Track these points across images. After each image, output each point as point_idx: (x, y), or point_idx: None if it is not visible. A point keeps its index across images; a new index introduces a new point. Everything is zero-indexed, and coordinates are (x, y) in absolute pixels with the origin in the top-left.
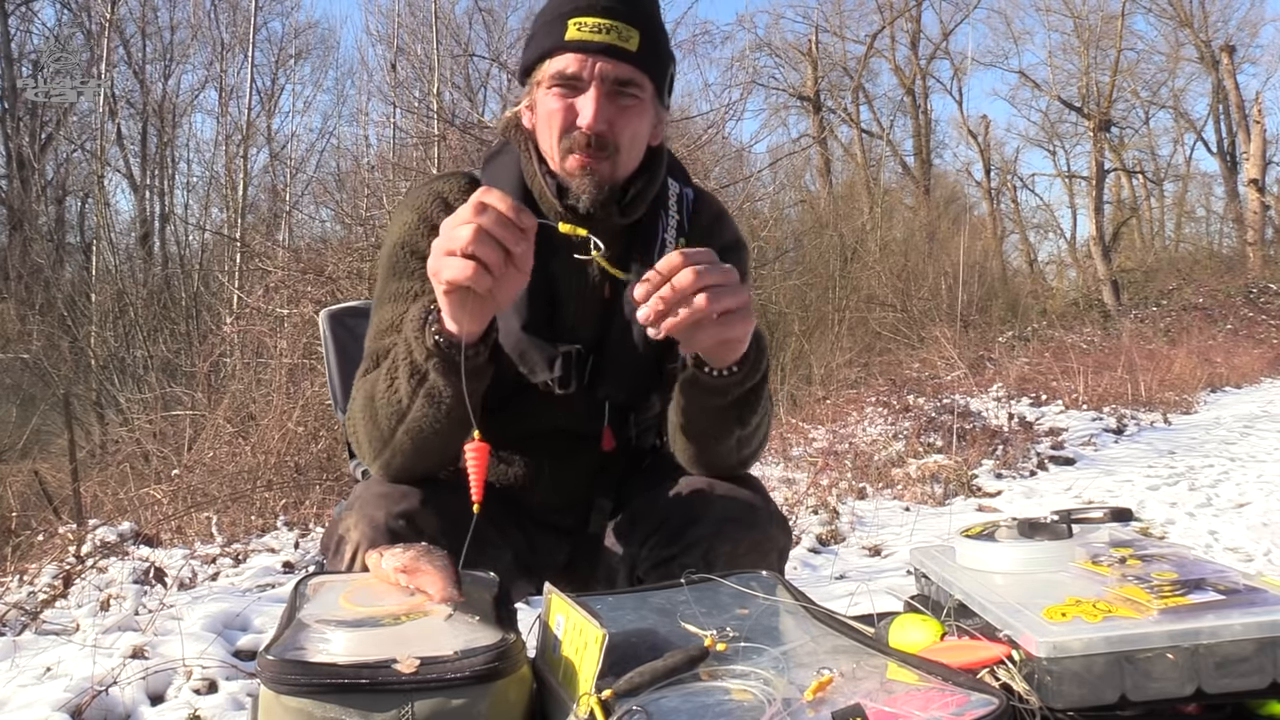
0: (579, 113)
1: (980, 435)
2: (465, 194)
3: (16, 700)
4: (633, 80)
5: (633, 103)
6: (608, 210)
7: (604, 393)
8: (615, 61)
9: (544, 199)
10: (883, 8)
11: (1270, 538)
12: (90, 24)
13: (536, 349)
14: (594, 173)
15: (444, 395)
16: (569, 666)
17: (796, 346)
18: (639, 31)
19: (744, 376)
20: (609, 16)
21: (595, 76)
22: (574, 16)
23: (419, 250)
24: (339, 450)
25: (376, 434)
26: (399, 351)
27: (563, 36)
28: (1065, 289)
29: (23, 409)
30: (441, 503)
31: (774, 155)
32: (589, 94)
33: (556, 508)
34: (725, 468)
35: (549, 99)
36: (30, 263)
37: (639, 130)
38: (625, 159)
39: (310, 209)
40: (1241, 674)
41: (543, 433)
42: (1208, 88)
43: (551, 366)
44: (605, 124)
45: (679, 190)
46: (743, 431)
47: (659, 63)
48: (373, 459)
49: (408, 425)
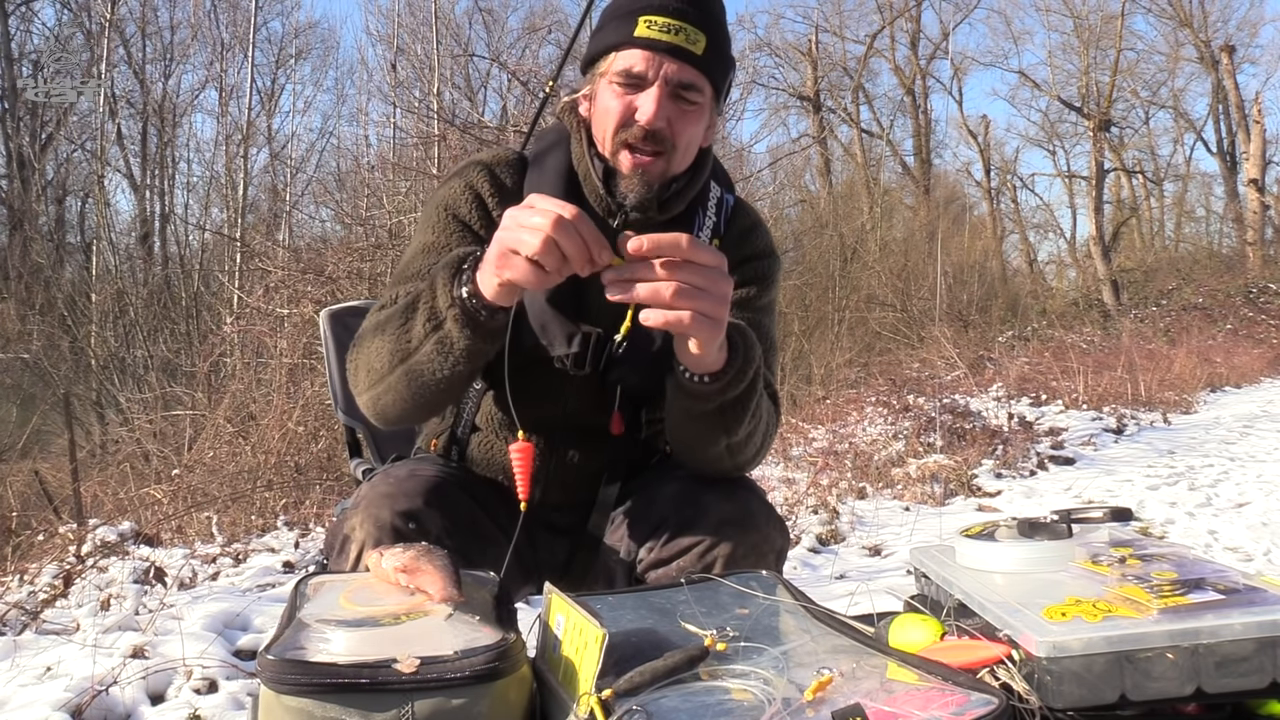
0: (638, 108)
1: (980, 435)
2: (512, 167)
3: (16, 700)
4: (695, 84)
5: (692, 107)
6: (647, 205)
7: (616, 376)
8: (681, 63)
9: (588, 181)
10: (883, 8)
11: (1270, 537)
12: (90, 24)
13: (558, 323)
14: (646, 172)
15: (454, 347)
16: (569, 666)
17: (796, 346)
18: (706, 35)
19: (723, 387)
20: (679, 18)
21: (660, 76)
22: (645, 14)
23: (459, 214)
24: (339, 450)
25: (377, 367)
26: (423, 294)
27: (632, 32)
28: (1065, 289)
29: (23, 409)
30: (446, 502)
31: (774, 155)
32: (651, 91)
33: (558, 504)
34: (718, 472)
35: (609, 93)
36: (30, 263)
37: (695, 133)
38: (679, 159)
39: (310, 209)
40: (1241, 673)
41: (554, 420)
42: (1208, 88)
43: (570, 341)
44: (664, 121)
45: (720, 194)
46: (731, 440)
47: (722, 68)
48: (365, 389)
49: (410, 365)
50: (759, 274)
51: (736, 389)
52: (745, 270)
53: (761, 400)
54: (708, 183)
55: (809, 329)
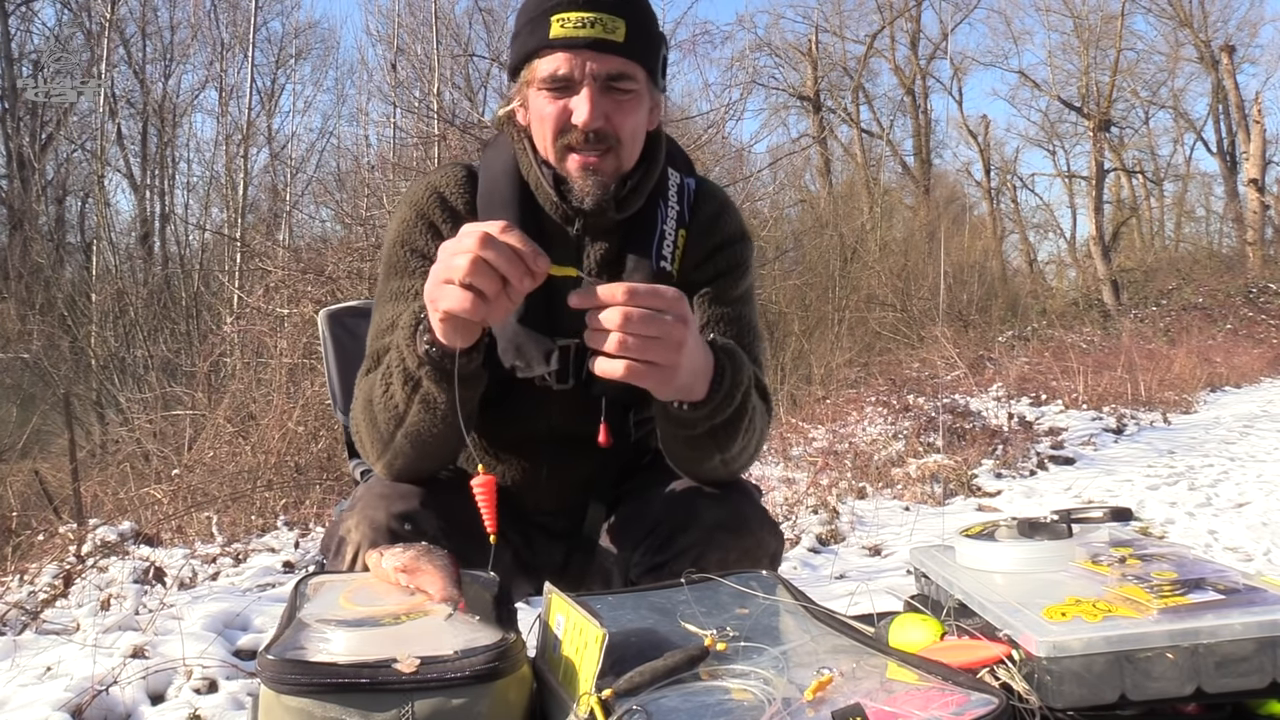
0: (573, 111)
1: (980, 435)
2: (462, 186)
3: (17, 700)
4: (624, 73)
5: (627, 96)
6: (604, 206)
7: (600, 388)
8: (604, 56)
9: (540, 190)
10: (883, 8)
11: (1270, 537)
12: (90, 24)
13: (534, 342)
14: (597, 171)
15: (438, 402)
16: (569, 666)
17: (796, 346)
18: (624, 20)
19: (709, 414)
20: (592, 8)
21: (586, 76)
22: (556, 12)
23: (417, 248)
24: (339, 450)
25: (377, 436)
26: (393, 358)
27: (547, 34)
28: (1065, 289)
29: (23, 409)
30: (442, 503)
31: (774, 155)
32: (582, 94)
33: (551, 510)
34: (712, 480)
35: (541, 101)
36: (30, 263)
37: (637, 122)
38: (627, 152)
39: (310, 209)
40: (1241, 673)
41: (540, 434)
42: (1207, 88)
43: (548, 360)
44: (602, 119)
45: (680, 180)
46: (724, 454)
47: (649, 49)
48: (376, 459)
49: (406, 429)
50: (732, 262)
51: (724, 413)
52: (718, 260)
53: (754, 414)
54: (665, 170)
55: (809, 329)
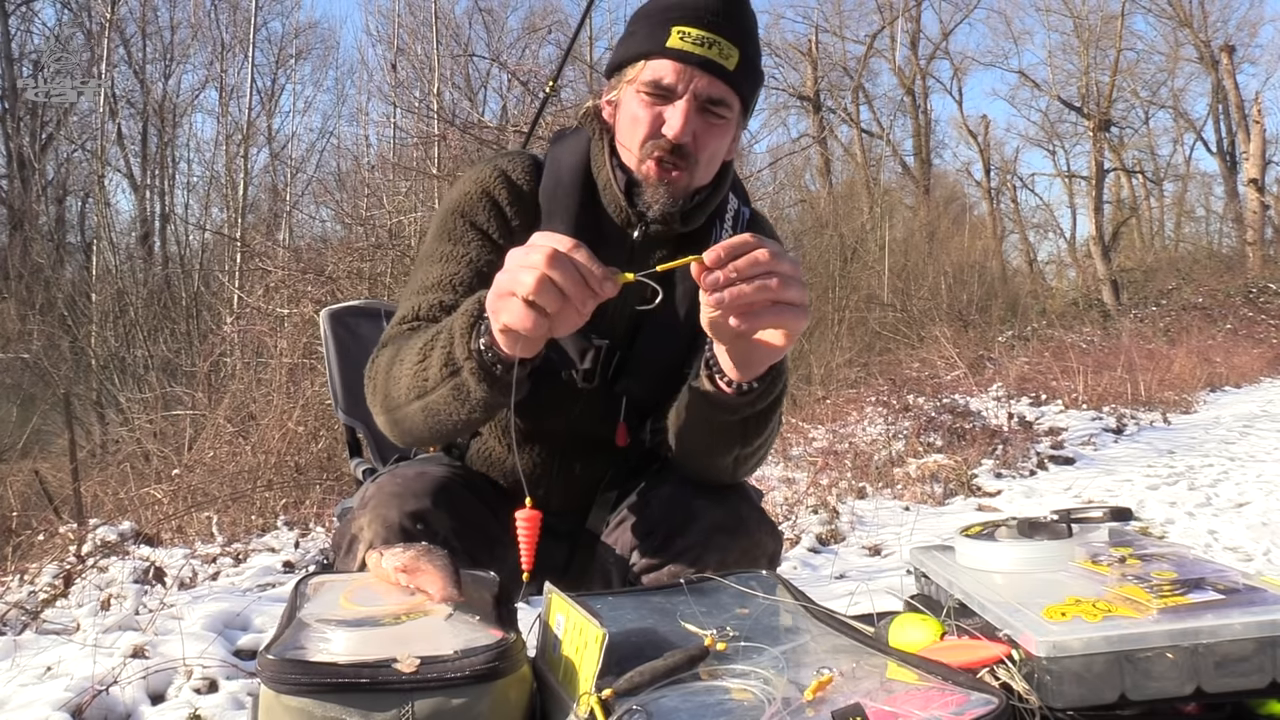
0: (665, 121)
1: (980, 435)
2: (529, 174)
3: (17, 700)
4: (724, 99)
5: (720, 121)
6: (670, 218)
7: (622, 387)
8: (712, 78)
9: (608, 190)
10: (883, 8)
11: (1270, 537)
12: (90, 24)
13: (572, 341)
14: (671, 184)
15: (471, 396)
16: (569, 666)
17: (796, 346)
18: (739, 50)
19: (759, 396)
20: (714, 31)
21: (690, 90)
22: (680, 25)
23: (475, 221)
24: (339, 450)
25: (393, 395)
26: (441, 335)
27: (665, 42)
28: (1065, 289)
29: (23, 409)
30: (454, 503)
31: (774, 155)
32: (679, 105)
33: (558, 510)
34: (717, 481)
35: (637, 103)
36: (30, 263)
37: (720, 147)
38: (702, 173)
39: (310, 209)
40: (1241, 673)
41: (558, 431)
42: (1207, 88)
43: (583, 358)
44: (690, 136)
45: (737, 207)
46: (743, 450)
47: (753, 84)
48: (381, 411)
49: (426, 404)
50: None
51: (766, 400)
52: None
53: (780, 415)
54: (727, 195)
55: (809, 329)
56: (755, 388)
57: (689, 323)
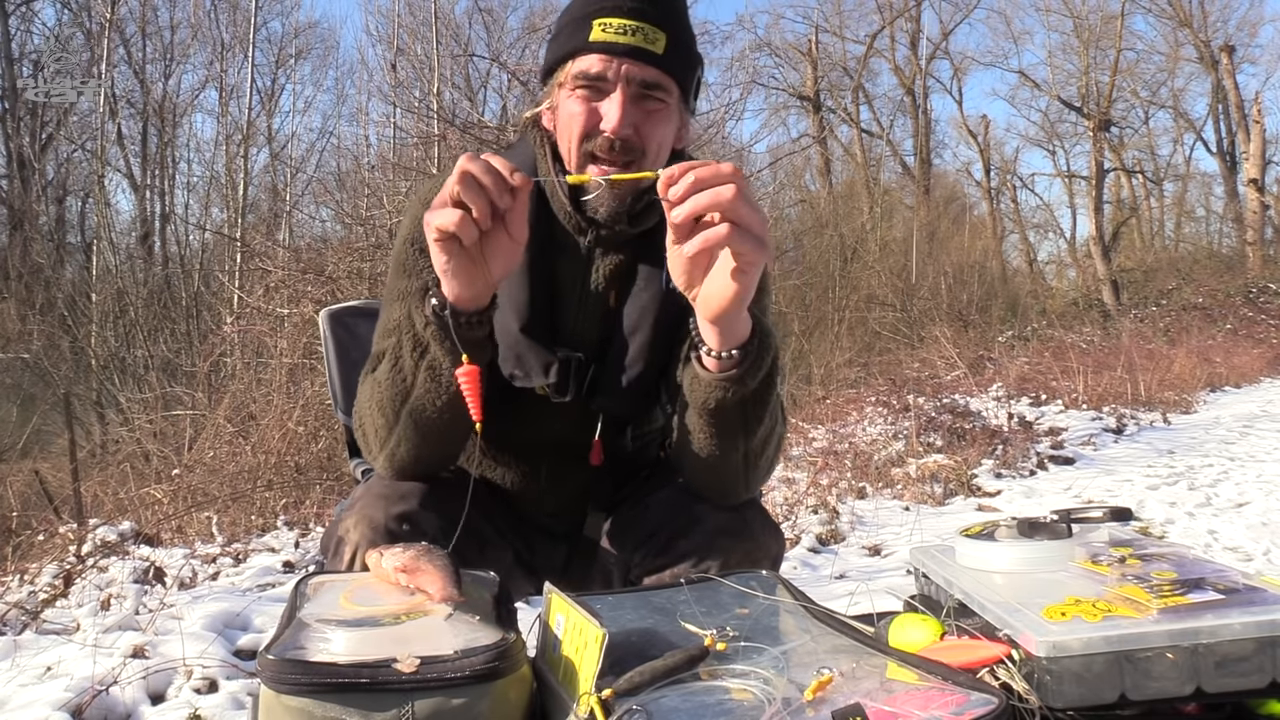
0: (602, 116)
1: (980, 435)
2: None
3: (17, 700)
4: (659, 84)
5: (658, 107)
6: (619, 219)
7: (599, 404)
8: (641, 64)
9: (555, 197)
10: (883, 8)
11: (1270, 537)
12: (90, 24)
13: (533, 353)
14: (616, 184)
15: (445, 368)
16: (569, 666)
17: (796, 346)
18: (666, 34)
19: (747, 371)
20: (635, 18)
21: (620, 78)
22: (599, 17)
23: (423, 246)
24: (339, 450)
25: (382, 420)
26: (404, 329)
27: (587, 37)
28: (1065, 289)
29: (23, 409)
30: (441, 504)
31: (774, 155)
32: (614, 97)
33: (552, 513)
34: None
35: (571, 100)
36: (30, 263)
37: (665, 136)
38: (650, 167)
39: (310, 209)
40: (1241, 673)
41: (541, 441)
42: (1207, 88)
43: (547, 372)
44: (630, 128)
45: None
46: (748, 444)
47: (686, 66)
48: (379, 450)
49: (411, 405)
50: None
51: (756, 375)
52: None
53: (778, 401)
54: None
55: (809, 329)
56: (736, 355)
57: (661, 331)
